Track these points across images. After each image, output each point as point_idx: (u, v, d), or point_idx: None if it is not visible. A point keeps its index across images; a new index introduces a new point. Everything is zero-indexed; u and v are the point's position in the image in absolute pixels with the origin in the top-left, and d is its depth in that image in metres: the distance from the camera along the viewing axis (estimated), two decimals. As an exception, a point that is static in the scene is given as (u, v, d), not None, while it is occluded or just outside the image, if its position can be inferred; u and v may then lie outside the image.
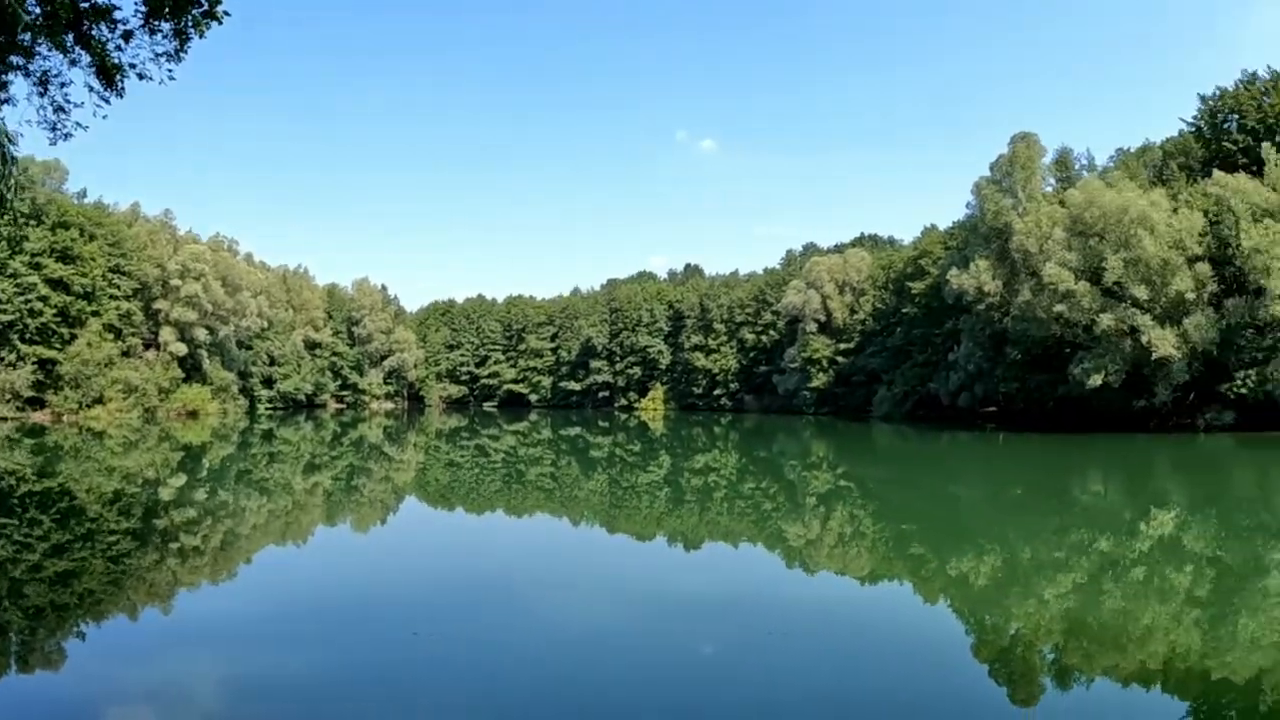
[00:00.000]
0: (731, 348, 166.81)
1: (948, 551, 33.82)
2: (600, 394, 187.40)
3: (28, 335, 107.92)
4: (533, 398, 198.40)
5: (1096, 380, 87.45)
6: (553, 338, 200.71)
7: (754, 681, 18.14)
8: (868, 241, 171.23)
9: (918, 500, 50.54)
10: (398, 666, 18.50)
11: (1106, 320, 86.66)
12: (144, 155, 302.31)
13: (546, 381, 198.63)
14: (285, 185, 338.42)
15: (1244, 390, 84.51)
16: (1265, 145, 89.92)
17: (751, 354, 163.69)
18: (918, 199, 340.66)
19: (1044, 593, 26.43)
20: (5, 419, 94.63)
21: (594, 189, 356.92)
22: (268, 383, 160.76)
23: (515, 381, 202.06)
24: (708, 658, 20.00)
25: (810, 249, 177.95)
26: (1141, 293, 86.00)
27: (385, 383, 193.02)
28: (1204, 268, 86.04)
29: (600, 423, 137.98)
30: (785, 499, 50.74)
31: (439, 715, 16.15)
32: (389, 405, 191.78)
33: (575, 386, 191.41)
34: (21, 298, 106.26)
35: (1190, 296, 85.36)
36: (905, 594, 27.92)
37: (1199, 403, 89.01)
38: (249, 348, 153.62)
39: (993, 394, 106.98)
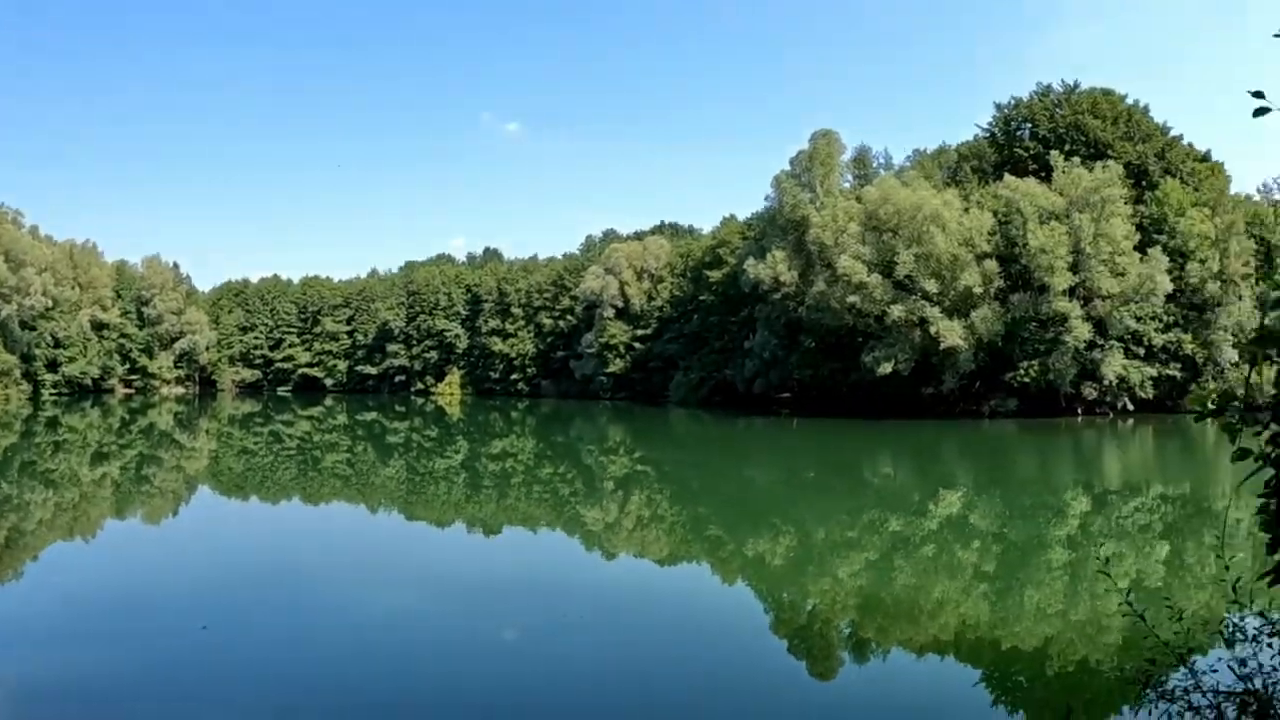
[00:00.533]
0: (529, 332, 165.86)
1: (744, 533, 34.20)
2: (397, 378, 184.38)
3: None
4: (328, 382, 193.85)
5: (887, 368, 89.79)
6: (349, 320, 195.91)
7: (555, 665, 18.03)
8: (668, 230, 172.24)
9: (714, 483, 51.01)
10: (187, 663, 17.93)
11: (897, 311, 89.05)
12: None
13: (342, 365, 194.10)
14: (73, 154, 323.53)
15: (1026, 380, 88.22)
16: (1054, 153, 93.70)
17: (549, 339, 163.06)
18: (718, 191, 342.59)
19: (839, 571, 26.89)
20: None
21: (395, 169, 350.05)
22: (52, 366, 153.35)
23: (310, 365, 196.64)
24: (508, 643, 19.81)
25: (610, 235, 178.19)
26: (931, 286, 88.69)
27: (176, 366, 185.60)
28: (992, 265, 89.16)
29: (397, 407, 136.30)
30: (583, 484, 50.73)
31: (229, 711, 15.64)
32: (180, 390, 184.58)
33: (372, 371, 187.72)
34: None
35: (978, 291, 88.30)
36: (704, 575, 28.11)
37: (984, 391, 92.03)
38: (32, 328, 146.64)
39: (787, 380, 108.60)
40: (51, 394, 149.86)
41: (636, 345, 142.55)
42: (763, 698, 16.13)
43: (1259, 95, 4.35)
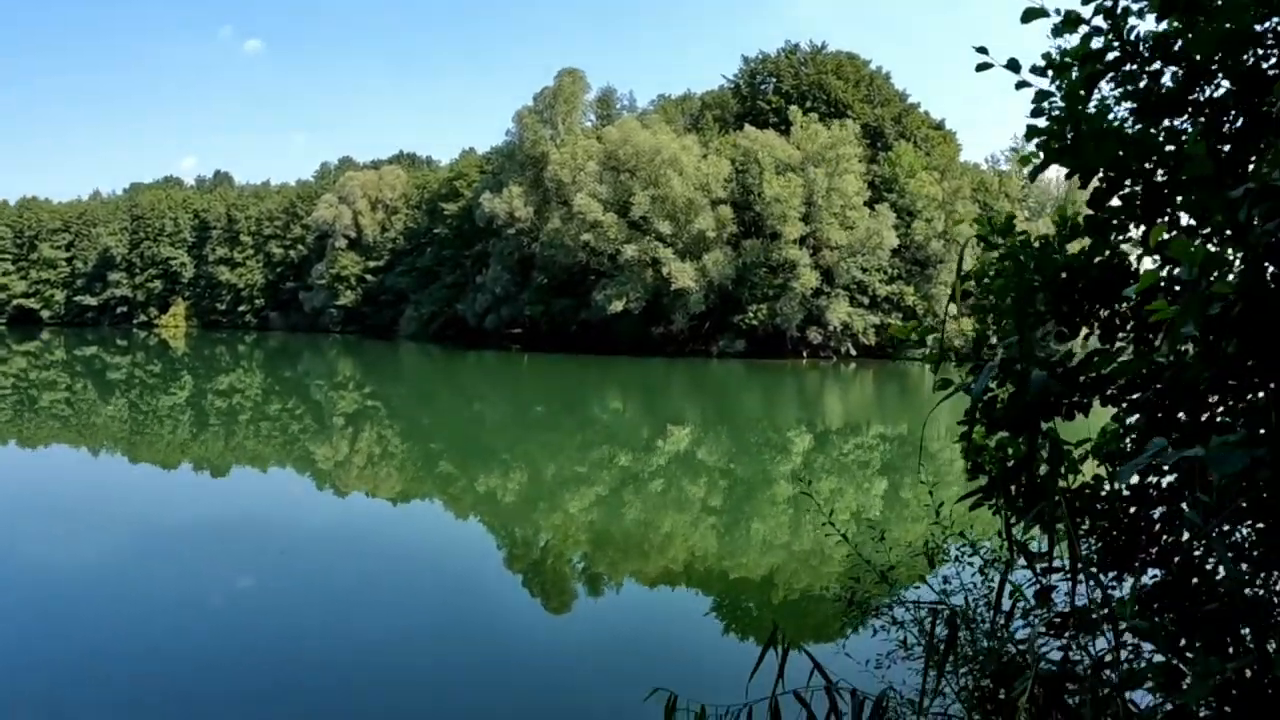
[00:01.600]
0: (258, 262, 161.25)
1: (475, 469, 34.38)
2: (119, 310, 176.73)
3: None
4: (45, 314, 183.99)
5: (618, 306, 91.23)
6: (68, 247, 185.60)
7: (280, 606, 17.86)
8: (405, 160, 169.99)
9: (444, 419, 51.06)
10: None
11: (631, 251, 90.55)
12: None
13: (60, 296, 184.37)
14: None
15: (755, 322, 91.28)
16: (794, 108, 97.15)
17: (279, 269, 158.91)
18: (459, 125, 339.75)
19: (569, 506, 27.32)
20: None
21: (123, 82, 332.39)
22: None
23: (26, 295, 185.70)
24: (232, 586, 19.51)
25: (346, 163, 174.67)
26: (666, 228, 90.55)
27: None
28: (726, 210, 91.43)
29: (119, 341, 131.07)
30: (313, 420, 50.02)
31: None
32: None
33: (92, 301, 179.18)
34: None
35: (711, 235, 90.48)
36: (435, 511, 28.17)
37: (713, 331, 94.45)
38: None
39: (519, 317, 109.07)
40: None
41: (368, 278, 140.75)
42: (497, 633, 16.25)
43: (982, 50, 4.72)
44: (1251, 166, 4.32)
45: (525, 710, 13.01)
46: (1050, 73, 4.69)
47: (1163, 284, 4.28)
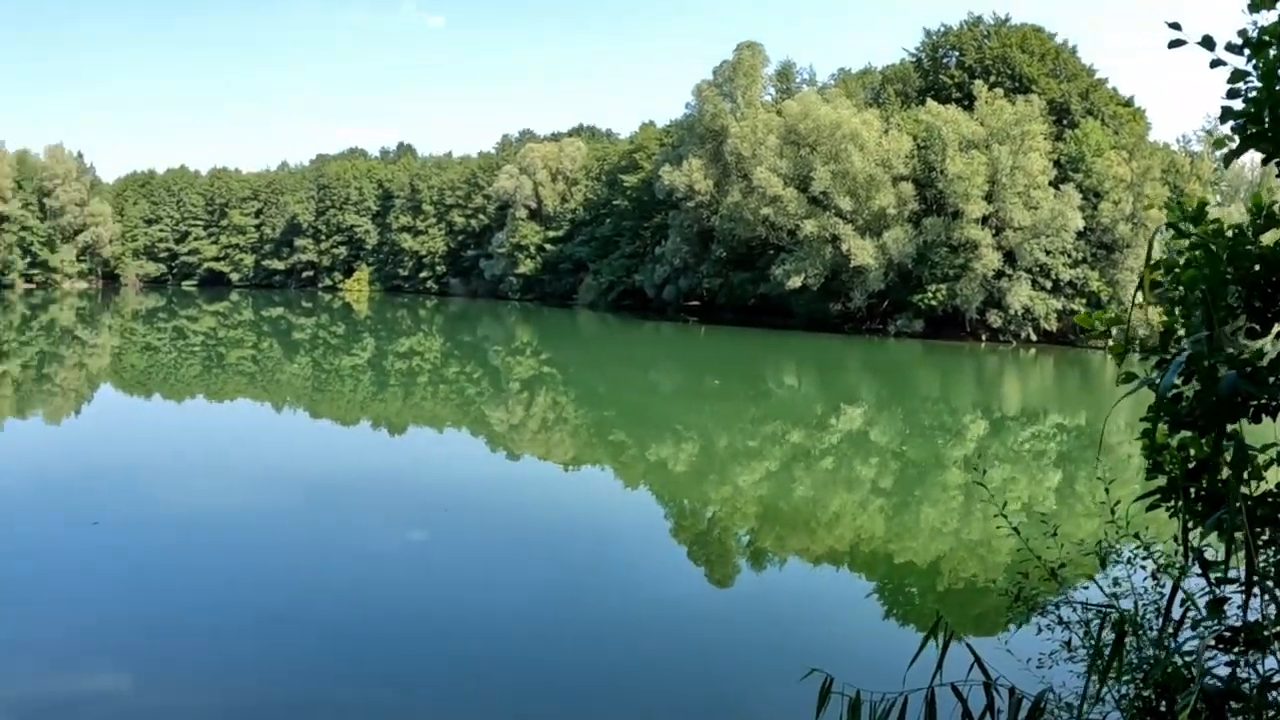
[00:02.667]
0: (440, 230, 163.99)
1: (647, 438, 34.49)
2: (304, 274, 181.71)
3: None
4: (234, 277, 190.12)
5: (797, 282, 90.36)
6: (257, 214, 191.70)
7: (457, 561, 18.20)
8: (585, 133, 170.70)
9: (619, 388, 51.31)
10: (74, 558, 17.88)
11: (810, 226, 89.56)
12: None
13: (249, 260, 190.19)
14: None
15: (934, 302, 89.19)
16: (978, 83, 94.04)
17: (460, 237, 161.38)
18: (639, 98, 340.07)
19: (739, 479, 27.22)
20: None
21: (310, 58, 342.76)
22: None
23: (217, 259, 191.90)
24: (408, 541, 19.93)
25: (527, 135, 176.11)
26: (846, 204, 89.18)
27: (79, 260, 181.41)
28: (907, 187, 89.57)
29: (304, 303, 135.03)
30: (489, 384, 50.77)
31: (113, 604, 15.80)
32: (82, 285, 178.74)
33: (279, 266, 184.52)
34: None
35: (891, 212, 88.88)
36: (606, 478, 28.36)
37: (891, 310, 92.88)
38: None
39: (696, 289, 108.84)
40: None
41: (548, 247, 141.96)
42: (658, 601, 16.35)
43: (1175, 26, 4.44)
44: None
45: (681, 674, 13.04)
46: (1247, 51, 4.40)
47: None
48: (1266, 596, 4.35)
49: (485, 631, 14.55)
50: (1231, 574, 4.56)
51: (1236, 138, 4.48)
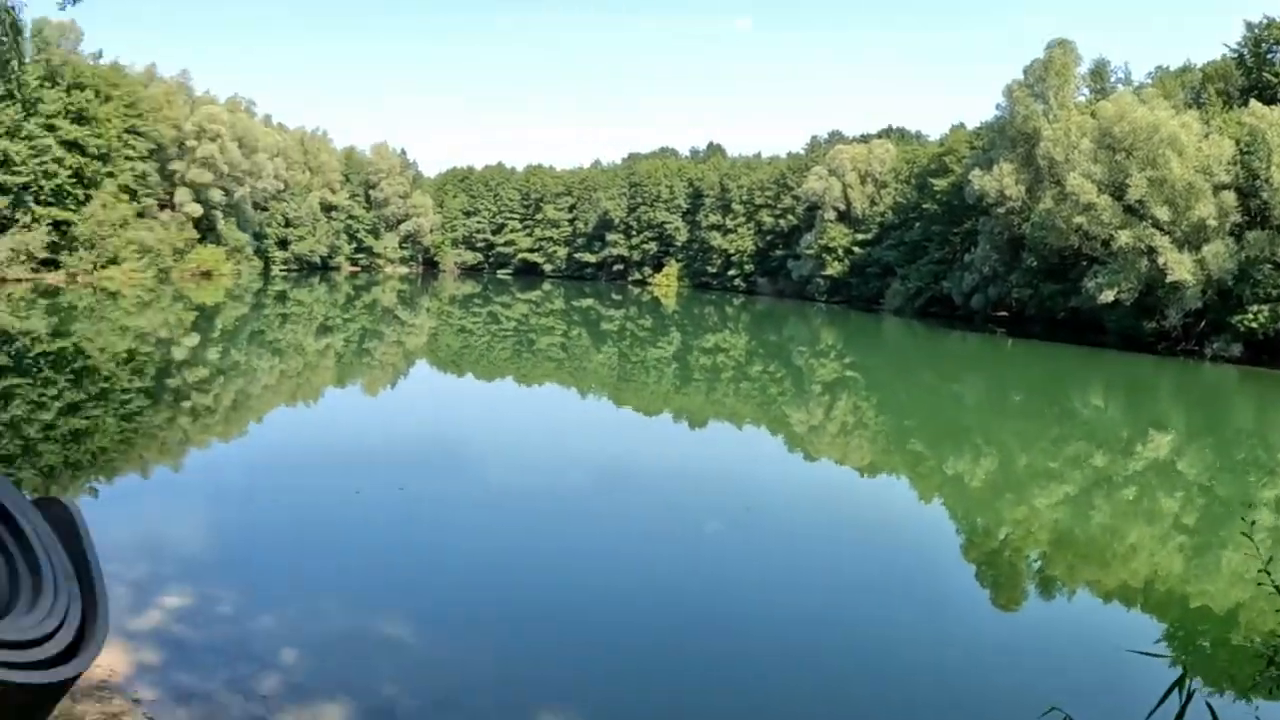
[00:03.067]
0: (749, 229, 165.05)
1: (945, 451, 34.38)
2: (615, 267, 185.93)
3: (42, 197, 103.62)
4: (547, 268, 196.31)
5: (1109, 296, 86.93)
6: (570, 209, 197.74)
7: (745, 558, 18.87)
8: (894, 134, 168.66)
9: (921, 396, 50.99)
10: (382, 519, 19.61)
11: (1125, 237, 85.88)
12: (160, 17, 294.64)
13: (562, 252, 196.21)
14: (306, 48, 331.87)
15: (1255, 325, 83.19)
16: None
17: (768, 237, 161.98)
18: (948, 98, 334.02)
19: (1035, 501, 26.98)
20: (20, 280, 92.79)
21: (619, 61, 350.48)
22: (282, 244, 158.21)
23: (530, 251, 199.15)
24: (702, 535, 20.65)
25: (835, 137, 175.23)
26: (1163, 214, 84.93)
27: (400, 247, 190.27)
28: (1229, 197, 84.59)
29: (613, 296, 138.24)
30: (791, 384, 51.29)
31: (418, 562, 17.40)
32: (403, 270, 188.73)
33: (590, 259, 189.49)
34: (36, 160, 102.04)
35: (1212, 224, 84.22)
36: (901, 488, 28.56)
37: (1208, 331, 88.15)
38: (265, 209, 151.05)
39: (1005, 298, 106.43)
40: (281, 270, 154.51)
41: (855, 250, 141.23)
42: (941, 618, 16.63)
43: None
44: None
45: (927, 688, 13.34)
46: None
47: None
48: None
49: (772, 634, 15.16)
50: None
51: None
